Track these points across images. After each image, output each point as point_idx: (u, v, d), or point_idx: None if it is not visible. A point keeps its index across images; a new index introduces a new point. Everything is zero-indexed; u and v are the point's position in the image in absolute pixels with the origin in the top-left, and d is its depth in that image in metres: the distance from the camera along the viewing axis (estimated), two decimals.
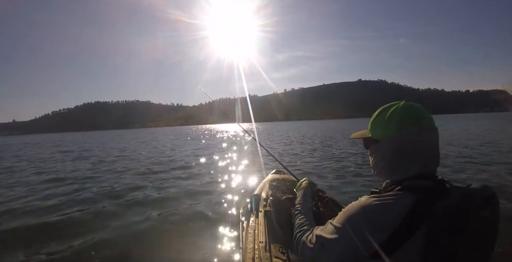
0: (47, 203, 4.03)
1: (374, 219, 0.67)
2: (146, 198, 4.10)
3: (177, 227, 2.92)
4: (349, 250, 0.71)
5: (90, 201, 4.06)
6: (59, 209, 3.69)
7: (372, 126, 0.82)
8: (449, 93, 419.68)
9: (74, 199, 4.20)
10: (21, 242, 2.69)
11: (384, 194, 0.72)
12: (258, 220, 1.88)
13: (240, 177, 5.38)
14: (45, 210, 3.67)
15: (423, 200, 0.65)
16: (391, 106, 0.79)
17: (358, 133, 0.91)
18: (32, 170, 7.83)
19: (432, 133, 0.75)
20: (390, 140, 0.77)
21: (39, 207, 3.85)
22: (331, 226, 0.77)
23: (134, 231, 2.86)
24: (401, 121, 0.75)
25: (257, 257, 1.45)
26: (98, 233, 2.84)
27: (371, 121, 0.83)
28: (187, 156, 9.44)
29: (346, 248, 0.71)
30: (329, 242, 0.75)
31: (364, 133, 0.86)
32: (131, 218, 3.28)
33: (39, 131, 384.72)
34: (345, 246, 0.72)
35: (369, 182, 4.48)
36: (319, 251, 0.77)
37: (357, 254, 0.69)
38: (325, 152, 8.85)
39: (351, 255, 0.71)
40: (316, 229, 0.85)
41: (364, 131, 0.86)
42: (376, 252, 0.66)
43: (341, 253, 0.73)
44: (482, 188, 0.69)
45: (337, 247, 0.73)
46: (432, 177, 0.73)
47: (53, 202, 4.07)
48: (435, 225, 0.63)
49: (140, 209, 3.59)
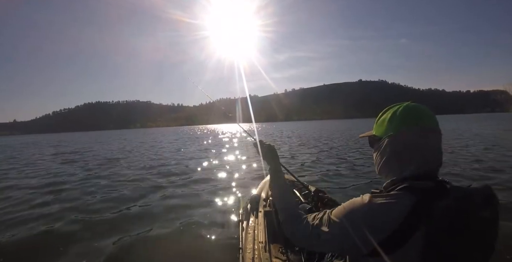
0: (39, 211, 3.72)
1: (374, 218, 0.68)
2: (146, 198, 4.10)
3: (177, 227, 2.92)
4: (346, 245, 0.72)
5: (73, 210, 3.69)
6: (57, 217, 3.42)
7: (377, 125, 0.84)
8: (450, 94, 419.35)
9: (77, 207, 4.19)
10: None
11: (384, 193, 0.72)
12: (257, 220, 1.88)
13: (240, 177, 5.38)
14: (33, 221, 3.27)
15: (423, 200, 0.65)
16: (396, 106, 0.81)
17: (365, 133, 0.92)
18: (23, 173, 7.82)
19: (434, 134, 0.75)
20: (390, 138, 0.78)
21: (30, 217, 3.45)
22: (330, 219, 0.77)
23: (134, 231, 2.86)
24: (402, 121, 0.76)
25: (257, 257, 1.44)
26: (97, 234, 2.84)
27: (376, 120, 0.84)
28: (188, 156, 9.44)
29: (343, 243, 0.72)
30: (326, 234, 0.75)
31: (370, 132, 0.88)
32: (131, 218, 3.29)
33: (40, 131, 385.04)
34: (342, 241, 0.72)
35: (371, 182, 4.47)
36: (316, 241, 0.78)
37: (354, 249, 0.70)
38: (327, 152, 8.84)
39: (348, 249, 0.73)
40: (310, 217, 0.85)
41: (371, 131, 0.88)
42: (374, 250, 0.66)
43: (338, 247, 0.75)
44: (482, 188, 0.70)
45: (334, 241, 0.74)
46: (432, 177, 0.73)
47: (47, 210, 3.78)
48: (435, 225, 0.63)
49: (140, 209, 3.59)
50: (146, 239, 2.67)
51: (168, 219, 3.18)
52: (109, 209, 3.64)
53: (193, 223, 3.00)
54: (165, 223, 3.06)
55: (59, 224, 3.15)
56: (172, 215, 3.29)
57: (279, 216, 0.95)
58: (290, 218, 0.90)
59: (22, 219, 3.38)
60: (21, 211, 3.70)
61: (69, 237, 2.80)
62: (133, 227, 2.98)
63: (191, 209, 3.48)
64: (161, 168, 7.03)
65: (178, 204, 3.70)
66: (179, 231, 2.82)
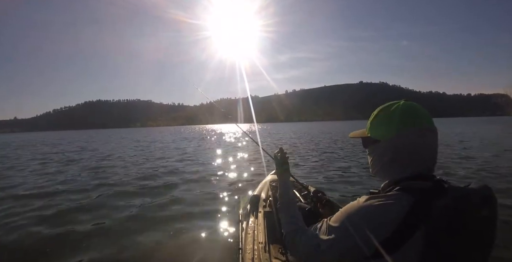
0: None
1: (372, 219, 0.67)
2: (146, 198, 4.09)
3: (176, 227, 2.91)
4: (347, 251, 0.70)
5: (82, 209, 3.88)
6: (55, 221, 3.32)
7: (372, 126, 0.82)
8: (451, 97, 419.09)
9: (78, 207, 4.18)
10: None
11: (382, 194, 0.72)
12: (257, 220, 1.88)
13: (240, 178, 5.38)
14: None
15: (421, 200, 0.65)
16: (390, 106, 0.79)
17: (356, 132, 0.90)
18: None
19: (431, 134, 0.75)
20: (390, 141, 0.76)
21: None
22: (329, 225, 0.76)
23: (132, 232, 2.85)
24: (401, 122, 0.75)
25: (257, 257, 1.43)
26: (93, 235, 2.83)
27: (370, 121, 0.82)
28: (187, 156, 9.44)
29: (344, 249, 0.71)
30: (326, 242, 0.74)
31: (363, 132, 0.85)
32: (129, 218, 3.28)
33: (40, 129, 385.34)
34: (342, 247, 0.71)
35: (370, 182, 4.47)
36: (315, 251, 0.76)
37: (354, 254, 0.69)
38: (327, 154, 8.83)
39: (349, 255, 0.71)
40: (311, 228, 0.83)
41: (363, 130, 0.86)
42: (376, 251, 0.65)
43: (338, 254, 0.72)
44: (480, 188, 0.70)
45: (335, 247, 0.72)
46: (430, 177, 0.73)
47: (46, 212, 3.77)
48: (434, 225, 0.63)
49: (140, 209, 3.59)
50: (145, 239, 2.66)
51: (167, 219, 3.17)
52: (106, 209, 3.63)
53: (192, 223, 2.99)
54: (164, 223, 3.05)
55: (48, 230, 2.93)
56: (171, 215, 3.28)
57: (283, 228, 0.94)
58: (293, 231, 0.88)
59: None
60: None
61: (64, 242, 2.68)
62: (131, 227, 2.97)
63: (190, 209, 3.48)
64: (161, 168, 7.03)
65: (177, 204, 3.70)
66: (178, 231, 2.81)
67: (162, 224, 3.01)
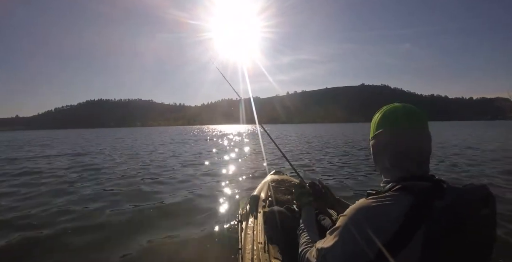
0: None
1: (373, 220, 0.67)
2: (145, 199, 4.10)
3: (175, 227, 2.91)
4: (349, 255, 0.70)
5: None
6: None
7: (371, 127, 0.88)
8: (452, 100, 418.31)
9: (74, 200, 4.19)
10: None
11: (381, 195, 0.72)
12: (257, 221, 1.87)
13: (240, 178, 5.37)
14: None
15: (421, 201, 0.65)
16: (382, 108, 0.84)
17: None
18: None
19: (413, 134, 0.75)
20: (373, 139, 0.83)
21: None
22: (330, 235, 0.77)
23: (131, 232, 2.85)
24: (378, 123, 0.80)
25: (256, 258, 1.44)
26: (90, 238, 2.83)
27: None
28: (187, 156, 9.44)
29: (346, 253, 0.71)
30: (330, 250, 0.74)
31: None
32: (127, 219, 3.28)
33: (42, 127, 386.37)
34: (345, 251, 0.71)
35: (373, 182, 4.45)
36: (323, 259, 0.76)
37: (357, 258, 0.69)
38: (329, 153, 8.82)
39: (352, 259, 0.71)
40: (317, 243, 0.84)
41: None
42: (379, 253, 0.65)
43: (342, 259, 0.72)
44: (479, 188, 0.70)
45: (338, 253, 0.72)
46: (429, 177, 0.73)
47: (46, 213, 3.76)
48: (433, 225, 0.63)
49: (138, 209, 3.58)
50: (144, 239, 2.65)
51: (166, 219, 3.17)
52: (104, 210, 3.63)
53: (192, 223, 2.99)
54: (163, 223, 3.05)
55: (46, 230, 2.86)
56: (170, 215, 3.28)
57: (300, 248, 0.97)
58: (307, 249, 0.92)
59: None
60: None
61: (64, 243, 2.67)
62: (130, 228, 2.97)
63: (190, 209, 3.47)
64: (161, 168, 7.03)
65: (177, 204, 3.70)
66: (177, 231, 2.80)
67: (161, 224, 3.01)
